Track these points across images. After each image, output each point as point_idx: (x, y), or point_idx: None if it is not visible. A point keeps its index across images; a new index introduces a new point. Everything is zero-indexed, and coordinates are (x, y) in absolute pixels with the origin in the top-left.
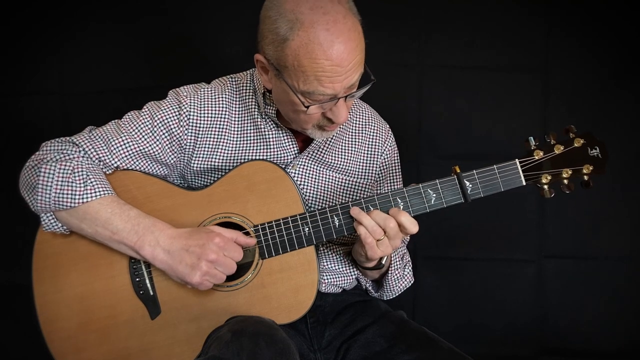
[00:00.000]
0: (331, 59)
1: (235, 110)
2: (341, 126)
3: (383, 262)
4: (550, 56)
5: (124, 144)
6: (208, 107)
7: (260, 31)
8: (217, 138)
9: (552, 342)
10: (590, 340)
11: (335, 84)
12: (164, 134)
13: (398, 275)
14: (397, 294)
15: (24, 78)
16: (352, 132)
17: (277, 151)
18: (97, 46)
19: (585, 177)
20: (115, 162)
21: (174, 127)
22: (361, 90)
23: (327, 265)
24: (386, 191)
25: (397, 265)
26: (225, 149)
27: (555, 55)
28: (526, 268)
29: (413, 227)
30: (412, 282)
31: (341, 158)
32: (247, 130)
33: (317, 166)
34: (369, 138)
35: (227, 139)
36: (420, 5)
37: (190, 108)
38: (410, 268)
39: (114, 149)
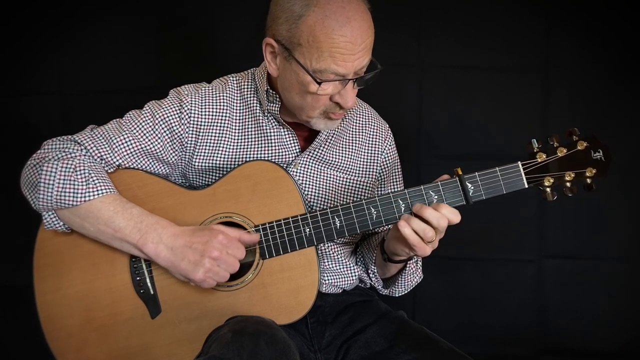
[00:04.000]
0: (346, 35)
1: (236, 109)
2: (342, 124)
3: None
4: (550, 56)
5: (126, 142)
6: (209, 105)
7: (272, 13)
8: (219, 137)
9: (552, 342)
10: (590, 340)
11: (347, 62)
12: (165, 132)
13: (413, 269)
14: (408, 290)
15: (24, 78)
16: (352, 131)
17: (279, 150)
18: (97, 46)
19: (588, 180)
20: (117, 161)
21: (175, 126)
22: (369, 74)
23: (328, 265)
24: (387, 192)
25: (413, 258)
26: (226, 148)
27: (555, 55)
28: (526, 268)
29: (456, 217)
30: (421, 277)
31: (342, 157)
32: (248, 128)
33: (319, 165)
34: (369, 137)
35: (229, 138)
36: (420, 5)
37: (191, 106)
38: (420, 263)
39: (116, 147)
